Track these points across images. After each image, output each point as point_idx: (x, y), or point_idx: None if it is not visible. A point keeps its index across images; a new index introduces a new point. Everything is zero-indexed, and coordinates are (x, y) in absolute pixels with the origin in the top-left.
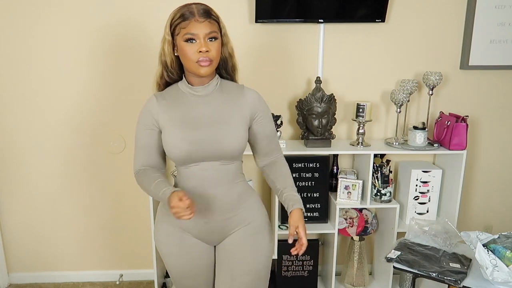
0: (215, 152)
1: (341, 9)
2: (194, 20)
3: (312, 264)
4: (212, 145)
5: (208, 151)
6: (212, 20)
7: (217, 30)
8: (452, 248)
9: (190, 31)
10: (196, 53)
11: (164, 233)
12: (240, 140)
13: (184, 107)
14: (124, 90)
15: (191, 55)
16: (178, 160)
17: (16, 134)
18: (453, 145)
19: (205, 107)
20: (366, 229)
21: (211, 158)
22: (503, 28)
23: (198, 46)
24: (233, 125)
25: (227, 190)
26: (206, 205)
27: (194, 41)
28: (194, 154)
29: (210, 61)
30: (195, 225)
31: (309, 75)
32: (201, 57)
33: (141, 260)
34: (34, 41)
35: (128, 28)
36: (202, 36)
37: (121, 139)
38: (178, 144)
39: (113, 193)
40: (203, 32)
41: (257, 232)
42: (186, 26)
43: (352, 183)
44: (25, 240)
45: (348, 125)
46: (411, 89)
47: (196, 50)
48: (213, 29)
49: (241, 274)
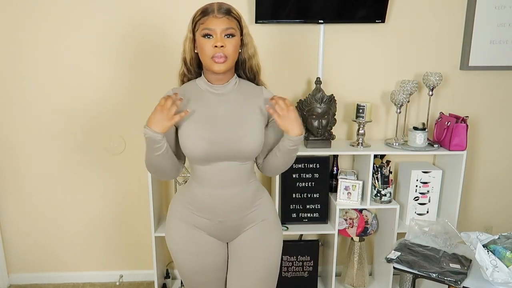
0: (233, 152)
1: (341, 9)
2: (212, 16)
3: (312, 265)
4: (231, 145)
5: (226, 151)
6: (231, 17)
7: (235, 27)
8: (452, 248)
9: (207, 26)
10: (211, 48)
11: (177, 230)
12: (258, 141)
13: (202, 105)
14: (124, 91)
15: (207, 50)
16: (195, 159)
17: (16, 134)
18: (453, 146)
19: (224, 106)
20: (366, 230)
21: (228, 158)
22: (503, 29)
23: (214, 41)
24: (251, 126)
25: (243, 190)
26: (222, 204)
27: (211, 37)
28: (213, 154)
29: (225, 57)
30: (209, 224)
31: (309, 75)
32: (217, 53)
33: (141, 261)
34: (33, 42)
35: (130, 29)
36: (219, 32)
37: (121, 139)
38: (197, 143)
39: (113, 193)
40: (220, 27)
41: (269, 229)
42: (205, 21)
43: (352, 183)
44: (25, 240)
45: (348, 125)
46: (411, 90)
47: (212, 45)
48: (230, 26)
49: (253, 271)
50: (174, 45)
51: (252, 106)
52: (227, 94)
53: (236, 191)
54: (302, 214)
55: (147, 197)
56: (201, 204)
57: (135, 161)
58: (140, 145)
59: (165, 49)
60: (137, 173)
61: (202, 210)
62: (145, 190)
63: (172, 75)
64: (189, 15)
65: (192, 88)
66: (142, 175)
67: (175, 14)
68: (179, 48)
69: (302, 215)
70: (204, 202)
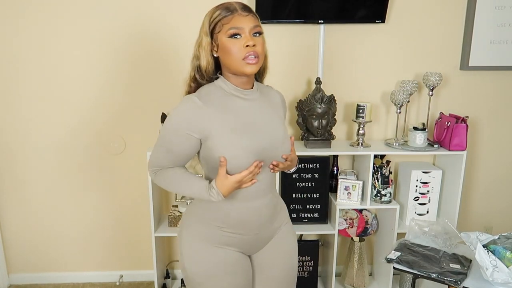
0: (273, 159)
1: (341, 9)
2: (237, 15)
3: (312, 265)
4: (273, 152)
5: (268, 160)
6: (254, 15)
7: (260, 25)
8: (452, 248)
9: (234, 25)
10: (242, 48)
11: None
12: (289, 144)
13: (236, 112)
14: (124, 91)
15: (237, 51)
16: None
17: (16, 135)
18: (453, 146)
19: (256, 112)
20: (366, 230)
21: (265, 168)
22: (503, 29)
23: (244, 40)
24: (281, 130)
25: (273, 196)
26: (259, 216)
27: (239, 36)
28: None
29: (257, 57)
30: (243, 238)
31: (309, 75)
32: (248, 53)
33: (141, 261)
34: (33, 42)
35: (130, 32)
36: (248, 30)
37: (121, 140)
38: (240, 155)
39: (113, 193)
40: (248, 25)
41: (290, 232)
42: (229, 21)
43: (352, 183)
44: (25, 240)
45: (348, 125)
46: (411, 90)
47: (242, 45)
48: (257, 23)
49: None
50: (173, 48)
51: (275, 108)
52: (256, 99)
53: (269, 199)
54: (302, 214)
55: (147, 197)
56: (235, 220)
57: (135, 162)
58: (140, 145)
59: (165, 51)
60: (137, 173)
61: (236, 225)
62: (145, 190)
63: (171, 76)
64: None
65: (217, 92)
66: (142, 175)
67: (174, 18)
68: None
69: (302, 215)
70: (239, 217)
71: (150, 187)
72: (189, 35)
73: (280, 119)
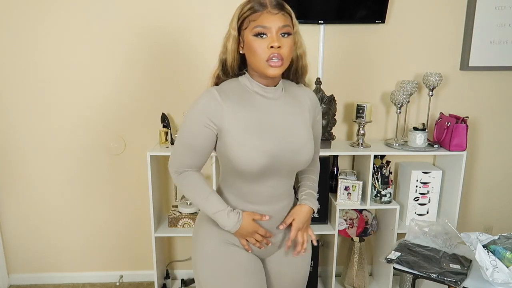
0: (291, 165)
1: (341, 10)
2: (266, 12)
3: (312, 265)
4: (291, 157)
5: (286, 164)
6: (285, 13)
7: (290, 25)
8: (452, 249)
9: (261, 24)
10: (266, 49)
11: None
12: (312, 148)
13: (253, 110)
14: (124, 91)
15: (261, 51)
16: (247, 175)
17: (17, 135)
18: (453, 146)
19: (275, 112)
20: (366, 230)
21: (283, 173)
22: (503, 29)
23: (270, 41)
24: (304, 133)
25: (289, 202)
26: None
27: (264, 36)
28: (269, 168)
29: (281, 60)
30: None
31: (309, 76)
32: (272, 54)
33: (141, 261)
34: (33, 42)
35: (131, 32)
36: (275, 30)
37: (121, 140)
38: (253, 156)
39: (113, 193)
40: (276, 25)
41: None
42: (257, 18)
43: (352, 184)
44: (26, 241)
45: (348, 126)
46: (411, 90)
47: (267, 45)
48: (286, 23)
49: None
50: (174, 48)
51: (300, 110)
52: (278, 98)
53: (284, 204)
54: None
55: (147, 197)
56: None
57: (135, 162)
58: (140, 145)
59: (165, 51)
60: (137, 174)
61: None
62: (145, 190)
63: (171, 76)
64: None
65: (237, 89)
66: (142, 176)
67: (175, 18)
68: (179, 50)
69: None
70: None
71: (150, 187)
72: (191, 35)
73: (305, 121)
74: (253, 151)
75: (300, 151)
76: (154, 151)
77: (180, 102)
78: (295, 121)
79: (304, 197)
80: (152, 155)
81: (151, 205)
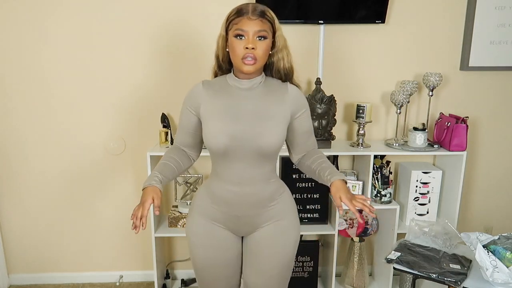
0: (253, 148)
1: (341, 10)
2: (246, 18)
3: (312, 265)
4: (251, 140)
5: (246, 146)
6: (265, 19)
7: (268, 30)
8: (452, 249)
9: (240, 27)
10: (243, 49)
11: (196, 224)
12: (279, 138)
13: (227, 98)
14: (123, 91)
15: (238, 51)
16: (215, 153)
17: (17, 135)
18: (453, 146)
19: (247, 101)
20: (366, 230)
21: (248, 156)
22: (503, 29)
23: (246, 42)
24: (274, 121)
25: (262, 188)
26: (239, 200)
27: (242, 38)
28: (232, 149)
29: (254, 59)
30: (226, 217)
31: (309, 76)
32: (247, 54)
33: (141, 261)
34: (37, 42)
35: (133, 32)
36: (252, 34)
37: (121, 140)
38: (217, 136)
39: (113, 194)
40: (253, 29)
41: (287, 228)
42: (238, 22)
43: (352, 184)
44: (26, 241)
45: (348, 126)
46: (411, 90)
47: (243, 46)
48: (263, 28)
49: (268, 268)
50: (173, 48)
51: (276, 103)
52: (252, 90)
53: (255, 189)
54: (302, 215)
55: None
56: (219, 198)
57: (135, 162)
58: (140, 145)
59: (165, 52)
60: (137, 174)
61: (220, 203)
62: None
63: (171, 76)
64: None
65: (221, 82)
66: (142, 176)
67: (176, 18)
68: (179, 50)
69: (302, 216)
70: (221, 196)
71: None
72: (191, 35)
73: (278, 112)
74: (217, 132)
75: (262, 136)
76: (154, 151)
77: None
78: (265, 110)
79: (328, 177)
80: (152, 155)
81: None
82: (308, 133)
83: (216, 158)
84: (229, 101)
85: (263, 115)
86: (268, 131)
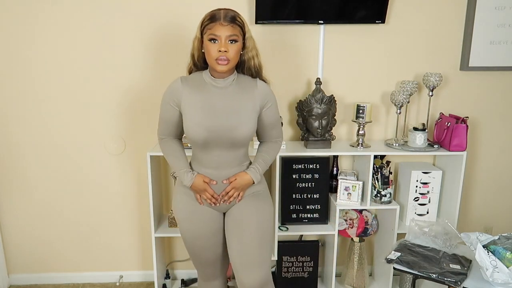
0: (229, 139)
1: (341, 10)
2: (219, 24)
3: (312, 265)
4: (226, 133)
5: (222, 138)
6: (235, 25)
7: (238, 34)
8: (452, 249)
9: (214, 32)
10: (216, 51)
11: (180, 202)
12: (250, 129)
13: (204, 95)
14: (123, 91)
15: (213, 53)
16: (195, 144)
17: (16, 135)
18: (453, 146)
19: (223, 98)
20: (366, 230)
21: (224, 145)
22: (503, 29)
23: (219, 46)
24: (245, 115)
25: (236, 171)
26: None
27: (216, 41)
28: (210, 140)
29: (227, 60)
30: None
31: (309, 76)
32: (221, 56)
33: (141, 261)
34: (33, 41)
35: (130, 30)
36: (224, 38)
37: (121, 140)
38: (196, 129)
39: (113, 193)
40: (224, 34)
41: (260, 199)
42: (212, 27)
43: (352, 184)
44: (25, 241)
45: (348, 126)
46: (411, 90)
47: (216, 49)
48: (234, 33)
49: (249, 235)
50: (172, 48)
51: (247, 98)
52: (226, 88)
53: (230, 172)
54: (302, 215)
55: (147, 197)
56: None
57: (135, 162)
58: (140, 145)
59: (164, 52)
60: (137, 174)
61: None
62: (145, 190)
63: (170, 76)
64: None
65: (198, 79)
66: (142, 176)
67: (177, 19)
68: (177, 50)
69: (302, 216)
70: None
71: (150, 187)
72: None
73: (249, 106)
74: (196, 125)
75: (236, 129)
76: (154, 151)
77: None
78: (238, 105)
79: (251, 168)
80: (152, 155)
81: (151, 205)
82: (272, 124)
83: (196, 147)
84: (206, 97)
85: (236, 110)
86: (241, 124)
